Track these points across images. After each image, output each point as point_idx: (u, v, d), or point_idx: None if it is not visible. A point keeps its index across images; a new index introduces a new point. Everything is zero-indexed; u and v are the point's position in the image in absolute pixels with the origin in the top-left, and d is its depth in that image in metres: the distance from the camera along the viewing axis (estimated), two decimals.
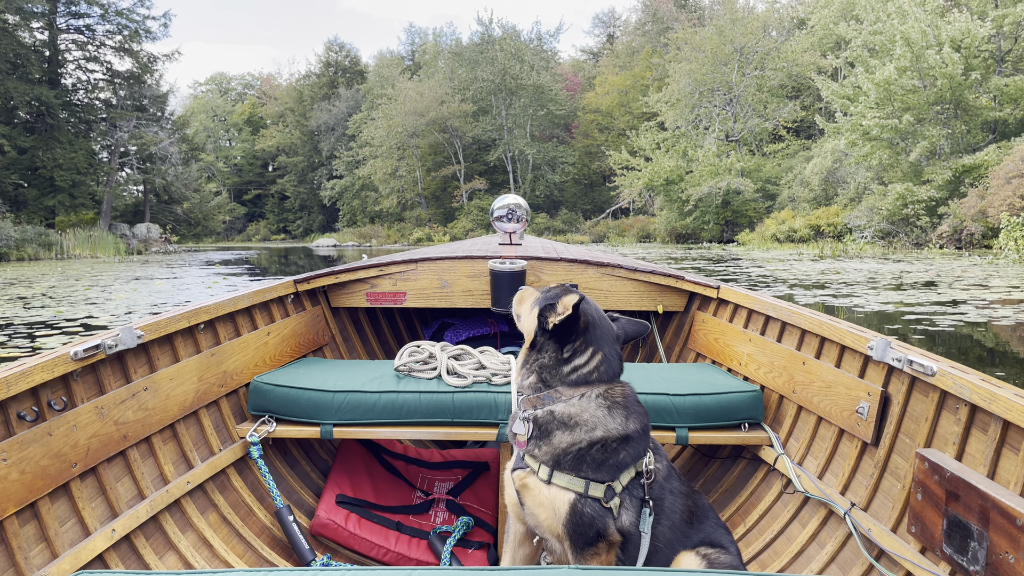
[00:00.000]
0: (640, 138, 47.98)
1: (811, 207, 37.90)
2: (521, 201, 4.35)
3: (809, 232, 35.81)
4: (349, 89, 78.54)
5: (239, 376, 2.92)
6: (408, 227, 62.00)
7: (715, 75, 44.84)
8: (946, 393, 2.01)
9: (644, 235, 49.71)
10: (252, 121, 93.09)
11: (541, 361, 1.96)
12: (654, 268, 3.73)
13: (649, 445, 1.95)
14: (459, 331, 4.23)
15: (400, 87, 63.00)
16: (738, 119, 45.02)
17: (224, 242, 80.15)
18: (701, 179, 41.77)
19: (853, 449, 2.39)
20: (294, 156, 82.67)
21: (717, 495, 3.03)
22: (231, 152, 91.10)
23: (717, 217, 42.46)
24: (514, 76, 58.79)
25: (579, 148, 64.58)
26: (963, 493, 1.74)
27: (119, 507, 2.20)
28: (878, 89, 30.36)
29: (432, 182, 64.90)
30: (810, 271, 18.18)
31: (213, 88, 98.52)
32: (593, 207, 63.18)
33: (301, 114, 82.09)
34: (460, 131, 61.08)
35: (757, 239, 37.57)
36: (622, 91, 62.31)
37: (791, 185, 40.60)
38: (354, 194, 71.72)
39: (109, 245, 42.72)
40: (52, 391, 2.04)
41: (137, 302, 12.76)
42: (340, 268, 3.73)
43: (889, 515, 2.14)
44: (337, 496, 2.92)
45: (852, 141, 32.09)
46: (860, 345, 2.35)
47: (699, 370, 3.18)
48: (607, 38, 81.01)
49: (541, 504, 1.86)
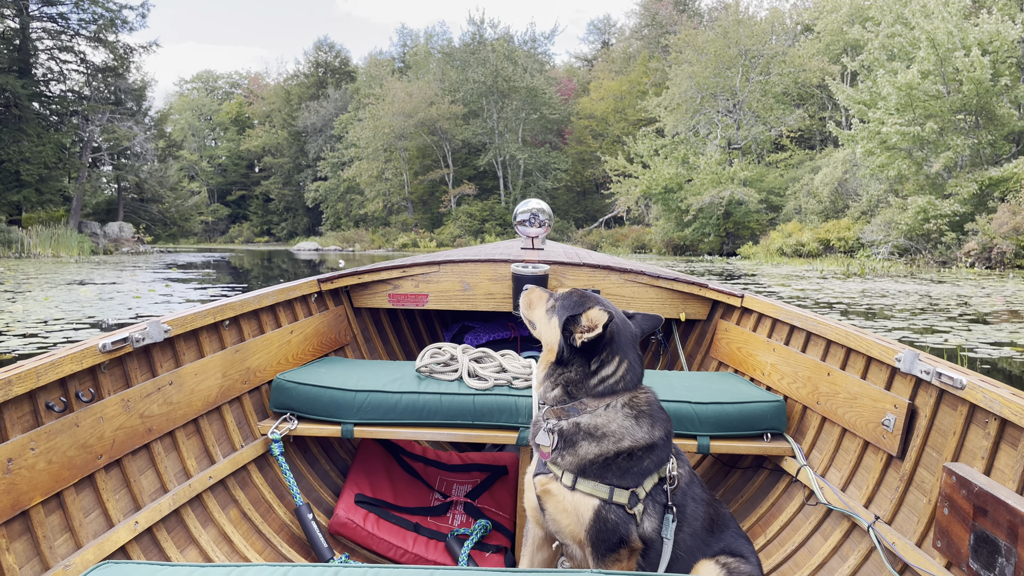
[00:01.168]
0: (638, 144, 45.15)
1: (819, 220, 35.23)
2: (544, 206, 4.25)
3: (818, 246, 33.13)
4: (338, 90, 75.63)
5: (262, 373, 2.89)
6: (393, 232, 58.98)
7: (718, 79, 42.08)
8: (975, 407, 1.95)
9: (639, 245, 46.93)
10: (239, 121, 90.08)
11: (567, 376, 1.89)
12: (677, 275, 3.65)
13: (672, 451, 1.91)
14: (479, 334, 4.12)
15: (388, 86, 60.07)
16: (741, 126, 42.22)
17: (206, 243, 77.88)
18: (702, 188, 38.94)
19: (878, 462, 2.33)
20: (280, 157, 79.81)
21: (738, 505, 2.97)
22: (215, 152, 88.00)
23: (718, 228, 39.69)
24: (506, 78, 55.92)
25: (572, 154, 61.77)
26: (991, 508, 1.68)
27: (142, 500, 2.19)
28: (900, 94, 27.75)
29: (419, 186, 61.92)
30: (846, 291, 15.44)
31: (199, 86, 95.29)
32: (586, 215, 60.40)
33: (288, 114, 79.17)
34: (449, 134, 58.15)
35: (762, 252, 34.83)
36: (618, 96, 59.61)
37: (797, 196, 37.92)
38: (339, 197, 68.66)
39: (73, 244, 40.09)
40: (80, 382, 2.03)
41: (34, 313, 10.53)
42: (363, 269, 3.66)
43: (914, 529, 2.09)
44: (356, 496, 2.90)
45: (869, 150, 29.41)
46: (887, 357, 2.30)
47: (721, 379, 3.12)
48: (602, 45, 78.45)
49: (565, 510, 1.82)
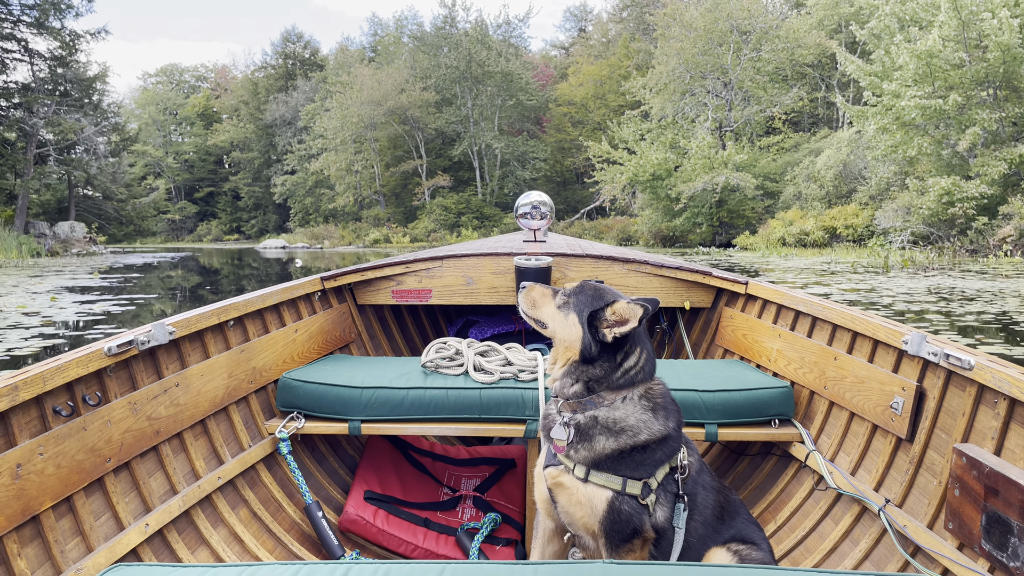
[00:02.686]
0: (622, 128, 41.36)
1: (823, 206, 31.80)
2: (545, 198, 4.15)
3: (824, 235, 29.70)
4: (307, 81, 71.24)
5: (268, 373, 2.86)
6: (365, 227, 54.90)
7: (707, 57, 38.32)
8: (984, 387, 1.91)
9: (625, 237, 43.32)
10: (205, 115, 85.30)
11: (592, 373, 1.83)
12: (681, 264, 3.61)
13: (682, 441, 1.88)
14: (484, 328, 4.08)
15: (356, 73, 55.90)
16: (733, 107, 38.47)
17: (173, 242, 74.38)
18: (693, 174, 35.25)
19: (887, 445, 2.30)
20: (248, 152, 75.45)
21: (747, 492, 2.94)
22: (181, 147, 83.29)
23: (710, 218, 36.09)
24: (480, 63, 51.90)
25: (551, 143, 58.02)
26: (1003, 488, 1.65)
27: (152, 502, 2.17)
28: (918, 62, 24.31)
29: (391, 178, 57.87)
30: (909, 290, 11.93)
31: (164, 80, 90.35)
32: (567, 207, 56.72)
33: (256, 107, 74.65)
34: (422, 122, 54.10)
35: (762, 242, 31.33)
36: (598, 81, 55.89)
37: (796, 181, 34.42)
38: (307, 191, 64.38)
39: (11, 246, 36.15)
40: (87, 386, 2.00)
41: None
42: (366, 266, 3.62)
43: (925, 511, 2.05)
44: (365, 492, 2.87)
45: (883, 127, 25.95)
46: (894, 340, 2.25)
47: (728, 366, 3.08)
48: (579, 32, 74.58)
49: (578, 502, 1.79)
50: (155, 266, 26.90)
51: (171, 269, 24.87)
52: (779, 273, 17.34)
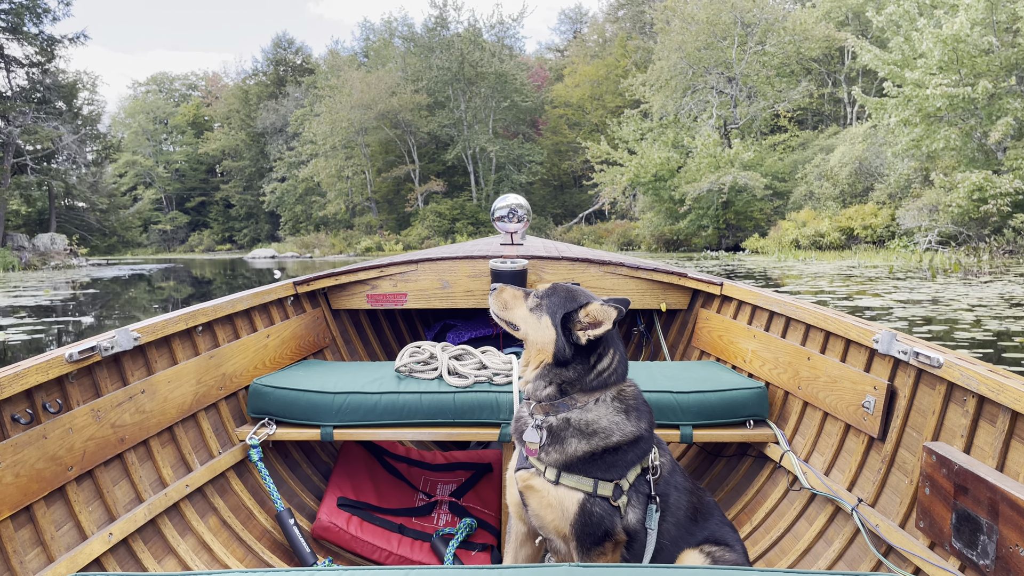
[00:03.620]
0: (622, 128, 39.13)
1: (838, 206, 29.64)
2: (522, 201, 4.03)
3: (840, 236, 27.56)
4: (298, 88, 68.99)
5: (238, 379, 2.79)
6: (356, 235, 52.63)
7: (710, 51, 36.12)
8: (953, 385, 1.90)
9: (626, 242, 41.15)
10: (196, 123, 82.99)
11: (566, 375, 1.79)
12: (656, 266, 3.58)
13: (654, 441, 1.86)
14: (461, 332, 4.01)
15: (345, 77, 53.71)
16: (739, 103, 36.23)
17: (165, 253, 72.34)
18: (698, 174, 33.03)
19: (860, 444, 2.28)
20: (239, 160, 73.20)
21: (723, 493, 2.90)
22: (172, 156, 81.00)
23: (716, 220, 33.91)
24: (473, 63, 49.72)
25: (547, 146, 55.86)
26: (972, 486, 1.66)
27: (116, 511, 2.11)
28: (944, 48, 22.20)
29: (383, 184, 55.66)
30: (987, 300, 9.76)
31: (154, 89, 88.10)
32: (564, 211, 54.57)
33: (247, 115, 72.36)
34: (414, 126, 51.89)
35: (773, 245, 29.17)
36: (595, 82, 53.78)
37: (807, 180, 32.24)
38: (297, 198, 62.10)
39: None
40: (47, 393, 1.96)
41: None
42: (340, 270, 3.53)
43: (897, 510, 2.04)
44: (338, 499, 2.81)
45: (905, 119, 23.82)
46: (865, 339, 2.23)
47: (703, 367, 3.03)
48: (574, 35, 72.41)
49: (549, 505, 1.76)
50: (124, 279, 24.79)
51: (142, 283, 22.67)
52: (809, 281, 15.14)
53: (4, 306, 13.77)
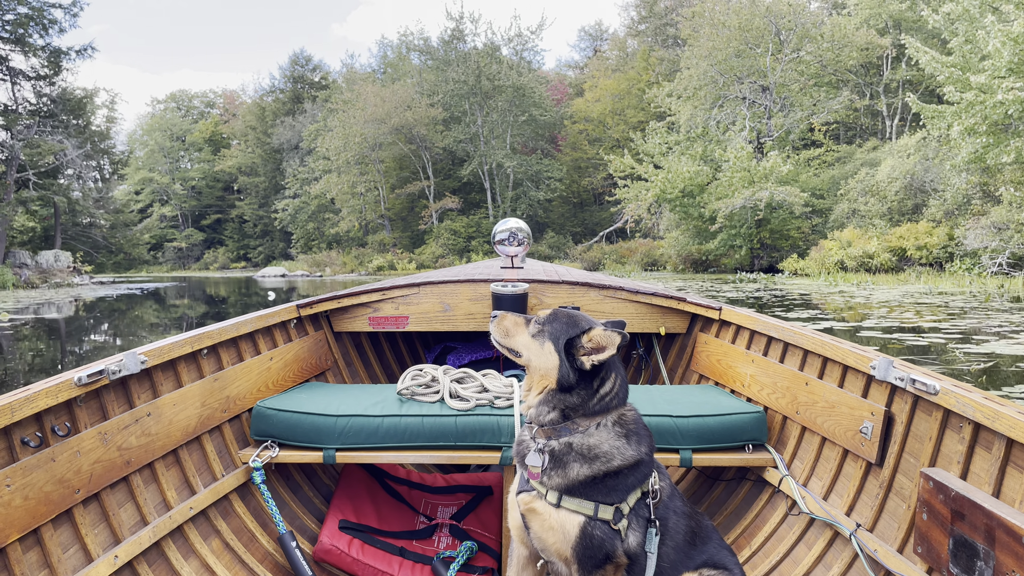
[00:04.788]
0: (648, 141, 36.45)
1: (886, 224, 26.79)
2: (523, 225, 4.07)
3: (890, 258, 24.70)
4: (315, 104, 67.16)
5: (242, 401, 2.78)
6: (369, 253, 50.25)
7: (742, 59, 33.40)
8: (949, 412, 1.90)
9: (650, 262, 38.46)
10: (213, 140, 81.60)
11: (570, 401, 1.77)
12: (656, 290, 3.56)
13: (654, 466, 1.86)
14: (462, 355, 3.99)
15: (359, 90, 51.62)
16: (773, 114, 33.41)
17: (179, 270, 70.92)
18: (731, 189, 30.25)
19: (857, 469, 2.27)
20: (255, 177, 71.61)
21: (722, 517, 2.88)
22: (189, 173, 79.49)
23: (750, 239, 31.10)
24: (490, 76, 47.39)
25: (567, 162, 53.35)
26: (968, 512, 1.66)
27: (122, 533, 2.11)
28: (1015, 48, 19.46)
29: (397, 201, 53.38)
30: None
31: (172, 107, 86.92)
32: (584, 229, 51.93)
33: (263, 132, 70.74)
34: (429, 141, 49.60)
35: (815, 267, 26.34)
36: (616, 96, 51.28)
37: (850, 197, 29.37)
38: (309, 216, 59.98)
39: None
40: (56, 417, 1.96)
41: None
42: (342, 292, 3.55)
43: (895, 536, 2.04)
44: (340, 521, 2.80)
45: (969, 128, 21.01)
46: (863, 365, 2.23)
47: (702, 391, 3.01)
48: (594, 52, 69.99)
49: (551, 528, 1.76)
50: (112, 299, 22.50)
51: (129, 303, 20.31)
52: (889, 313, 12.37)
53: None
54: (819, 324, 10.60)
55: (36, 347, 10.51)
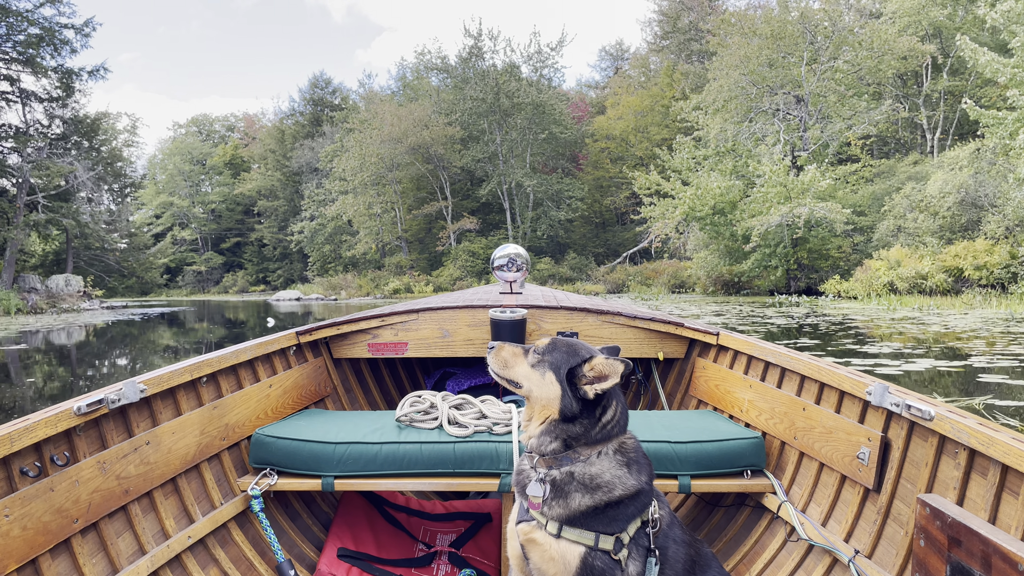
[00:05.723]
0: (675, 156, 34.32)
1: (938, 242, 24.44)
2: (521, 250, 4.09)
3: (946, 279, 22.34)
4: (334, 127, 65.96)
5: (241, 429, 2.77)
6: (385, 276, 48.41)
7: (775, 69, 31.27)
8: (945, 438, 1.90)
9: (677, 283, 36.25)
10: (233, 164, 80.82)
11: (572, 431, 1.74)
12: (654, 315, 3.53)
13: (653, 494, 1.85)
14: (461, 380, 3.97)
15: (375, 109, 50.14)
16: (808, 126, 31.15)
17: (199, 294, 69.84)
18: (766, 206, 28.01)
19: (855, 495, 2.26)
20: (274, 200, 70.46)
21: (721, 544, 2.86)
22: (209, 197, 78.66)
23: (786, 259, 28.80)
24: (509, 94, 45.64)
25: (588, 181, 51.36)
26: (965, 539, 1.66)
27: (120, 563, 2.10)
28: None
29: (414, 222, 51.65)
30: None
31: (193, 130, 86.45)
32: (607, 250, 49.80)
33: (282, 155, 69.71)
34: (447, 160, 47.87)
35: (861, 289, 24.00)
36: (639, 113, 49.35)
37: (896, 212, 27.03)
38: (326, 238, 58.42)
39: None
40: (55, 446, 1.96)
41: None
42: (342, 319, 3.52)
43: (893, 562, 2.03)
44: (339, 550, 2.80)
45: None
46: (859, 390, 2.23)
47: (700, 417, 2.98)
48: (615, 71, 68.19)
49: (551, 559, 1.73)
50: (109, 324, 20.80)
51: (127, 329, 18.55)
52: (1003, 346, 10.14)
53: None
54: (916, 364, 8.41)
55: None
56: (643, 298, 31.01)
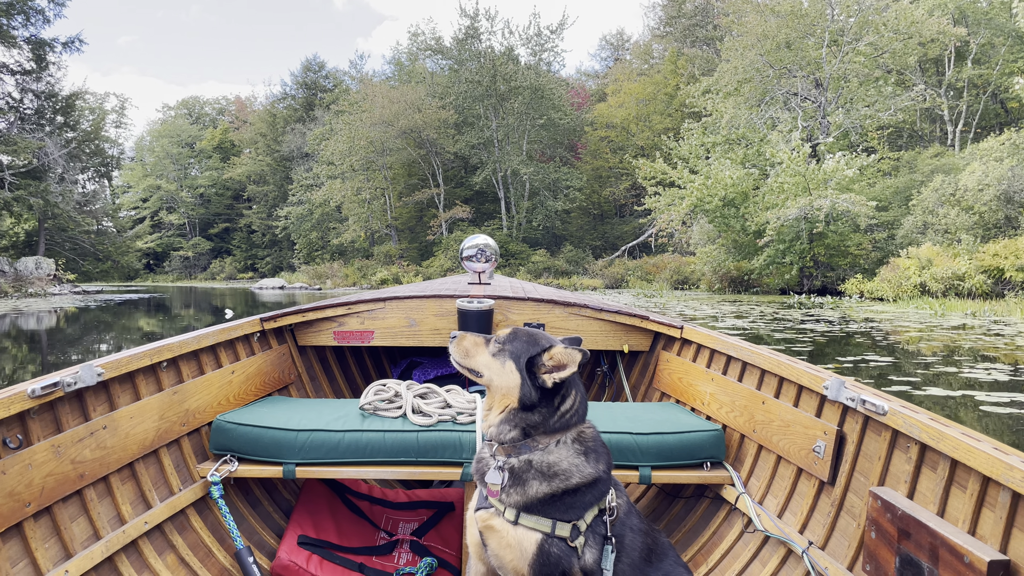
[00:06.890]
0: (682, 143, 31.74)
1: (973, 239, 22.01)
2: (490, 241, 4.06)
3: (984, 280, 19.94)
4: (326, 111, 63.24)
5: (202, 415, 2.70)
6: (373, 265, 45.80)
7: (792, 51, 28.68)
8: (897, 432, 1.91)
9: (680, 279, 33.76)
10: (223, 148, 77.97)
11: (531, 419, 1.75)
12: (620, 308, 3.49)
13: (611, 483, 1.84)
14: (427, 370, 3.94)
15: (366, 90, 47.43)
16: (828, 112, 28.59)
17: (186, 280, 67.27)
18: (783, 197, 25.49)
19: (811, 488, 2.27)
20: (264, 185, 67.79)
21: (680, 535, 2.85)
22: (197, 181, 75.84)
23: (801, 256, 26.33)
24: (506, 77, 42.98)
25: (587, 171, 48.79)
26: (914, 531, 1.68)
27: (73, 548, 2.04)
28: None
29: (404, 210, 49.02)
30: None
31: (184, 113, 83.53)
32: (605, 243, 47.31)
33: (273, 139, 66.92)
34: (439, 145, 45.20)
35: (889, 290, 21.58)
36: (642, 101, 46.77)
37: (926, 207, 24.57)
38: (312, 224, 55.74)
39: None
40: (8, 429, 1.91)
41: None
42: (307, 307, 3.44)
43: (845, 553, 2.03)
44: (299, 537, 2.71)
45: None
46: (816, 385, 2.24)
47: (663, 409, 2.97)
48: (615, 62, 65.53)
49: (508, 545, 1.74)
50: (80, 312, 18.35)
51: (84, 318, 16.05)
52: None
53: None
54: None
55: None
56: (645, 295, 28.53)
